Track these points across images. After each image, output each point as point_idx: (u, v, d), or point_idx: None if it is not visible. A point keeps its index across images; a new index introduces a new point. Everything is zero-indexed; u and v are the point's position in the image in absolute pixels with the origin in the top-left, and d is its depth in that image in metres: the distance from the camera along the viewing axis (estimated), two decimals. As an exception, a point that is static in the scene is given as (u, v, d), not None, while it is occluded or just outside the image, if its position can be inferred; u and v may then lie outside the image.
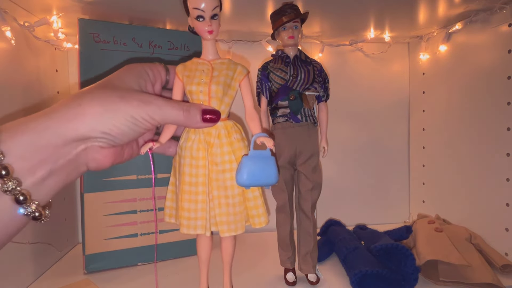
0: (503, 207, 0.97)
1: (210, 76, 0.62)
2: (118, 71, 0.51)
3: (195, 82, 0.62)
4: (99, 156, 0.45)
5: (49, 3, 0.89)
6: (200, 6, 0.59)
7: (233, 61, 0.66)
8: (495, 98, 1.00)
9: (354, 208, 1.39)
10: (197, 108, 0.55)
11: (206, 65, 0.64)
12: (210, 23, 0.61)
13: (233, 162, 0.63)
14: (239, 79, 0.65)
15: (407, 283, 0.80)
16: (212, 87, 0.62)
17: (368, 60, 1.38)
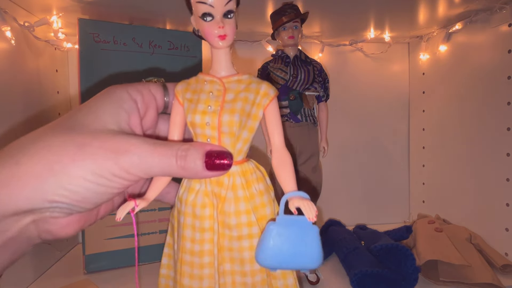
0: (503, 207, 0.97)
1: (221, 102, 0.44)
2: (93, 99, 0.39)
3: (199, 110, 0.43)
4: (54, 227, 0.34)
5: (49, 3, 0.89)
6: (207, 0, 0.41)
7: (254, 78, 0.47)
8: (495, 98, 1.00)
9: (354, 208, 1.39)
10: (197, 151, 0.38)
11: (216, 84, 0.45)
12: (222, 24, 0.43)
13: (253, 226, 0.44)
14: (264, 104, 0.45)
15: (407, 283, 0.80)
16: (224, 118, 0.43)
17: (368, 60, 1.38)
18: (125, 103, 0.40)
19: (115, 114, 0.38)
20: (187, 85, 0.47)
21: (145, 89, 0.43)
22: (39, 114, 0.97)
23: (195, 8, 0.43)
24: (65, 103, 1.15)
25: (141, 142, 0.36)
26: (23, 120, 0.89)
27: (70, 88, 1.18)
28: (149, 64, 1.00)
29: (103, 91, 0.41)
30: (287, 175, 0.45)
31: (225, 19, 0.43)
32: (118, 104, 0.39)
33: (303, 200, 0.40)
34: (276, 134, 0.47)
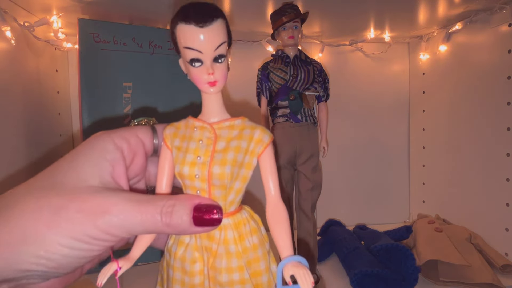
0: (503, 207, 0.97)
1: (211, 151, 0.41)
2: (76, 150, 0.37)
3: (188, 161, 0.40)
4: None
5: (49, 3, 0.89)
6: (194, 45, 0.38)
7: (248, 122, 0.44)
8: (495, 98, 1.00)
9: (354, 208, 1.39)
10: (184, 206, 0.36)
11: (206, 131, 0.42)
12: (211, 70, 0.39)
13: (246, 284, 0.41)
14: (258, 151, 0.42)
15: (407, 283, 0.80)
16: (214, 170, 0.40)
17: (368, 60, 1.38)
18: (108, 154, 0.37)
19: (98, 167, 0.36)
20: (176, 130, 0.43)
21: (132, 136, 0.41)
22: (39, 114, 0.97)
23: (183, 53, 0.40)
24: (65, 103, 1.15)
25: (122, 200, 0.33)
26: (23, 120, 0.89)
27: (70, 88, 1.18)
28: (149, 64, 1.00)
29: (87, 140, 0.38)
30: (283, 236, 0.40)
31: (215, 64, 0.40)
32: (102, 155, 0.37)
33: (299, 268, 0.36)
34: (272, 184, 0.44)
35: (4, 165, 0.80)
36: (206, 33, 0.38)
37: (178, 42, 0.39)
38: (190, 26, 0.37)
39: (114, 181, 0.37)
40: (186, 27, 0.38)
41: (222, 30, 0.40)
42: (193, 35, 0.38)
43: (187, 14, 0.38)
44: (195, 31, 0.37)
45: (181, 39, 0.39)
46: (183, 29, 0.38)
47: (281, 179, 0.89)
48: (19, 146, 0.87)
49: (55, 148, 1.05)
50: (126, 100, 0.99)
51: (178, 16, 0.38)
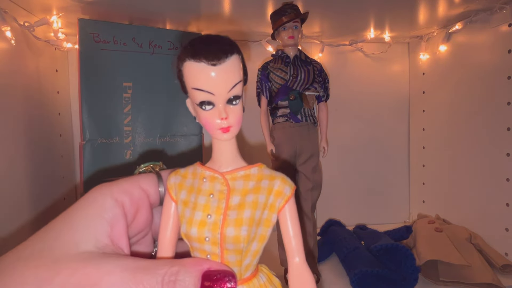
0: (503, 207, 0.97)
1: (224, 209, 0.35)
2: (71, 209, 0.34)
3: (196, 221, 0.35)
4: None
5: (49, 3, 0.89)
6: (205, 86, 0.33)
7: (267, 170, 0.38)
8: (495, 98, 1.00)
9: (354, 208, 1.39)
10: (190, 273, 0.31)
11: (218, 182, 0.36)
12: (224, 115, 0.34)
13: None
14: (278, 206, 0.36)
15: (407, 283, 0.80)
16: (228, 232, 0.34)
17: (368, 60, 1.38)
18: (107, 212, 0.33)
19: (93, 228, 0.32)
20: (182, 179, 0.37)
21: (134, 188, 0.36)
22: (39, 114, 0.97)
23: (191, 94, 0.34)
24: (65, 103, 1.15)
25: (117, 268, 0.29)
26: (23, 120, 0.89)
27: (70, 88, 1.18)
28: (149, 64, 1.00)
29: (85, 195, 0.35)
30: None
31: (229, 107, 0.34)
32: (99, 213, 0.33)
33: None
34: (295, 246, 0.37)
35: (4, 165, 0.80)
36: (219, 72, 0.32)
37: (186, 81, 0.34)
38: (200, 64, 0.32)
39: (112, 243, 0.33)
40: (195, 65, 0.32)
41: (237, 68, 0.34)
42: (203, 75, 0.32)
43: (197, 50, 0.32)
44: (206, 70, 0.32)
45: (189, 78, 0.33)
46: (192, 67, 0.33)
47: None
48: (19, 146, 0.87)
49: (55, 148, 1.05)
50: (126, 100, 0.99)
51: (186, 51, 0.33)
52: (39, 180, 0.94)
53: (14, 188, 0.84)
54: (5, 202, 0.80)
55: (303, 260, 0.38)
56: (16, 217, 0.84)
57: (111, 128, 0.98)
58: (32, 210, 0.89)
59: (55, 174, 1.04)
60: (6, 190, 0.81)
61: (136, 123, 1.00)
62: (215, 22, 1.06)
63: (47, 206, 0.98)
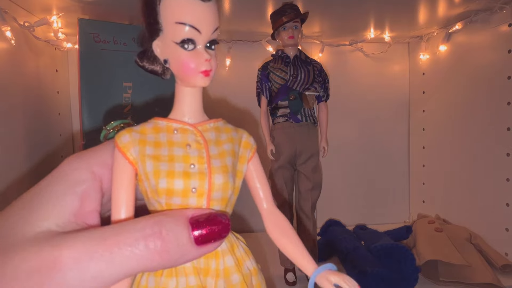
0: (503, 207, 0.97)
1: (206, 157, 0.33)
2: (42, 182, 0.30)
3: (178, 172, 0.32)
4: None
5: (49, 3, 0.89)
6: (193, 20, 0.31)
7: (230, 125, 0.38)
8: (495, 98, 1.00)
9: (354, 208, 1.39)
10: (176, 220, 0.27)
11: (190, 134, 0.34)
12: (208, 56, 0.32)
13: None
14: (248, 156, 0.37)
15: (407, 283, 0.80)
16: (217, 180, 0.33)
17: (368, 60, 1.38)
18: (79, 186, 0.29)
19: (58, 205, 0.28)
20: (140, 136, 0.33)
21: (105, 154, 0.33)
22: (39, 114, 0.97)
23: (170, 31, 0.31)
24: (65, 103, 1.15)
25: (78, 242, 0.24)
26: (23, 120, 0.89)
27: (70, 88, 1.18)
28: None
29: (56, 168, 0.31)
30: (299, 249, 0.35)
31: (209, 51, 0.32)
32: (69, 188, 0.29)
33: (338, 275, 0.35)
34: (267, 192, 0.38)
35: (4, 165, 0.80)
36: (208, 9, 0.31)
37: (164, 16, 0.31)
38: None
39: (79, 220, 0.29)
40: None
41: (218, 12, 0.33)
42: (193, 8, 0.30)
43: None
44: (197, 4, 0.30)
45: (173, 11, 0.30)
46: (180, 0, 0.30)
47: (281, 178, 0.89)
48: (19, 145, 0.87)
49: (55, 148, 1.05)
50: (126, 100, 0.99)
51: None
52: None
53: (14, 188, 0.84)
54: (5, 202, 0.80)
55: (271, 204, 0.39)
56: (16, 217, 0.84)
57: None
58: (32, 210, 0.89)
59: (55, 174, 1.04)
60: (6, 189, 0.81)
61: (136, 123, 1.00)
62: (215, 22, 1.06)
63: (47, 206, 0.98)
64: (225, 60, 1.26)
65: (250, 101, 1.01)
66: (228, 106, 1.28)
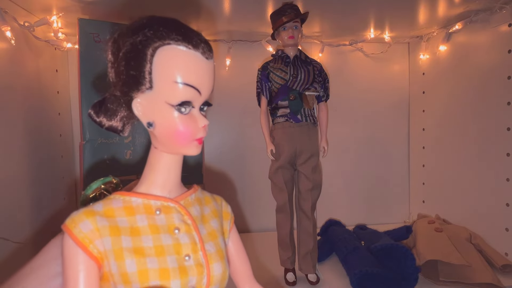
0: (503, 207, 0.97)
1: (200, 243, 0.28)
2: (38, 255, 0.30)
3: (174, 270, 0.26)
4: None
5: (49, 3, 0.89)
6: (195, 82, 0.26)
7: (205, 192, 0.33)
8: (495, 98, 1.00)
9: (354, 208, 1.39)
10: None
11: (176, 212, 0.28)
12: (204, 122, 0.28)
13: None
14: (228, 228, 0.32)
15: (407, 283, 0.80)
16: (215, 270, 0.28)
17: (368, 60, 1.38)
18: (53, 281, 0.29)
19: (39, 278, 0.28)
20: (109, 221, 0.26)
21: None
22: (39, 114, 0.97)
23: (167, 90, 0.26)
24: (65, 103, 1.15)
25: None
26: (23, 120, 0.89)
27: (70, 88, 1.18)
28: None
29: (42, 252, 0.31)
30: None
31: (201, 113, 0.28)
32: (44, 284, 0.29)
33: None
34: (248, 269, 0.33)
35: (4, 165, 0.80)
36: (211, 68, 0.26)
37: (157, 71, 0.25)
38: (194, 53, 0.25)
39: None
40: (186, 53, 0.25)
41: None
42: (198, 67, 0.25)
43: (187, 34, 0.25)
44: (201, 63, 0.25)
45: (174, 67, 0.25)
46: (181, 54, 0.25)
47: (281, 178, 0.89)
48: (19, 145, 0.87)
49: (55, 148, 1.05)
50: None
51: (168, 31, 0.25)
52: (39, 180, 0.94)
53: (14, 188, 0.84)
54: (5, 202, 0.80)
55: (254, 282, 0.34)
56: (17, 217, 0.84)
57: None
58: (32, 209, 0.89)
59: (55, 174, 1.04)
60: (6, 190, 0.81)
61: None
62: (215, 22, 1.06)
63: (47, 206, 0.98)
64: (225, 60, 1.26)
65: (250, 101, 1.01)
66: (228, 106, 1.28)
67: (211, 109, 1.25)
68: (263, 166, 1.27)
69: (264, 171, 0.95)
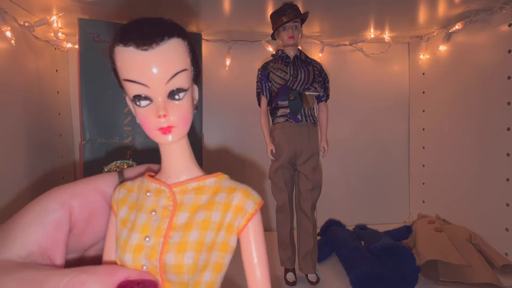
0: (503, 207, 0.97)
1: (166, 229, 0.29)
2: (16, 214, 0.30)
3: (131, 245, 0.29)
4: None
5: (49, 3, 0.89)
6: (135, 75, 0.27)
7: (227, 182, 0.31)
8: (495, 98, 1.00)
9: (354, 208, 1.39)
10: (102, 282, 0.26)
11: (163, 196, 0.30)
12: (164, 111, 0.28)
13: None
14: (238, 225, 0.30)
15: (407, 283, 0.80)
16: (168, 260, 0.28)
17: (368, 60, 1.38)
18: (46, 217, 0.30)
19: (23, 235, 0.29)
20: (126, 194, 0.32)
21: (89, 190, 0.32)
22: (39, 114, 0.97)
23: (125, 87, 0.29)
24: (65, 103, 1.15)
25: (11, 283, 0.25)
26: (23, 120, 0.89)
27: (70, 88, 1.18)
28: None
29: (34, 200, 0.31)
30: None
31: (172, 102, 0.28)
32: (37, 219, 0.30)
33: None
34: (261, 277, 0.30)
35: (4, 165, 0.80)
36: (152, 59, 0.27)
37: (119, 71, 0.28)
38: (129, 49, 0.26)
39: (44, 251, 0.29)
40: (124, 51, 0.27)
41: (179, 53, 0.28)
42: (134, 62, 0.27)
43: (126, 33, 0.27)
44: (136, 56, 0.26)
45: (120, 67, 0.28)
46: (121, 53, 0.27)
47: (281, 178, 0.89)
48: (19, 145, 0.87)
49: (55, 148, 1.05)
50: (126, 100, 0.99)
51: (116, 35, 0.27)
52: (39, 180, 0.94)
53: (14, 188, 0.84)
54: (5, 202, 0.80)
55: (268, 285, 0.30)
56: (16, 217, 0.84)
57: (111, 128, 0.98)
58: (32, 210, 0.89)
59: (55, 174, 1.04)
60: (6, 190, 0.81)
61: (136, 123, 0.99)
62: (215, 22, 1.06)
63: (47, 206, 0.98)
64: (225, 60, 1.26)
65: (250, 101, 1.01)
66: (228, 106, 1.28)
67: (210, 109, 1.26)
68: (263, 166, 1.28)
69: (264, 171, 0.95)
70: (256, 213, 0.30)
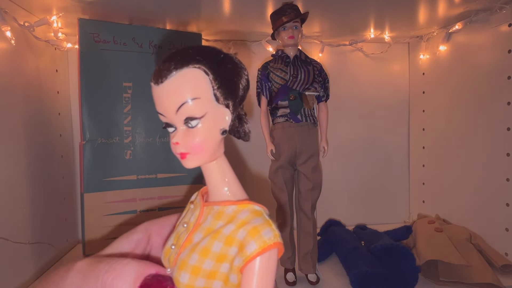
0: (503, 207, 0.97)
1: (183, 242, 0.31)
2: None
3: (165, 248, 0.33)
4: None
5: (49, 3, 0.89)
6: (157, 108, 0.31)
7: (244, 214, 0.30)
8: (495, 98, 1.00)
9: (354, 208, 1.39)
10: (129, 274, 0.31)
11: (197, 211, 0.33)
12: (176, 138, 0.30)
13: None
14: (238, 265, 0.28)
15: (407, 283, 0.80)
16: (175, 271, 0.30)
17: (368, 60, 1.38)
18: (132, 236, 0.38)
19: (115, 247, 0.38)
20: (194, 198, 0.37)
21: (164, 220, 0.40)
22: (39, 114, 0.97)
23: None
24: (65, 103, 1.15)
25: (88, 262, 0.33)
26: (23, 120, 0.89)
27: (70, 88, 1.18)
28: (149, 64, 1.00)
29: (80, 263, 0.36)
30: None
31: (186, 130, 0.30)
32: (125, 237, 0.38)
33: None
34: None
35: (4, 165, 0.80)
36: (161, 92, 0.29)
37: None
38: (152, 85, 0.30)
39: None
40: (151, 87, 0.31)
41: (188, 84, 0.28)
42: (154, 96, 0.30)
43: (154, 71, 0.30)
44: (155, 91, 0.30)
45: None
46: (152, 88, 0.31)
47: (281, 178, 0.89)
48: (19, 145, 0.87)
49: (55, 148, 1.05)
50: (126, 100, 0.99)
51: None
52: (39, 180, 0.94)
53: (14, 188, 0.84)
54: (5, 202, 0.80)
55: None
56: (16, 217, 0.84)
57: (111, 128, 0.98)
58: (32, 210, 0.89)
59: (55, 174, 1.04)
60: (6, 190, 0.81)
61: (136, 123, 1.00)
62: (215, 22, 1.06)
63: (47, 206, 0.98)
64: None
65: (250, 101, 1.01)
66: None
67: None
68: (263, 166, 1.27)
69: (264, 171, 0.95)
70: (258, 256, 0.27)
